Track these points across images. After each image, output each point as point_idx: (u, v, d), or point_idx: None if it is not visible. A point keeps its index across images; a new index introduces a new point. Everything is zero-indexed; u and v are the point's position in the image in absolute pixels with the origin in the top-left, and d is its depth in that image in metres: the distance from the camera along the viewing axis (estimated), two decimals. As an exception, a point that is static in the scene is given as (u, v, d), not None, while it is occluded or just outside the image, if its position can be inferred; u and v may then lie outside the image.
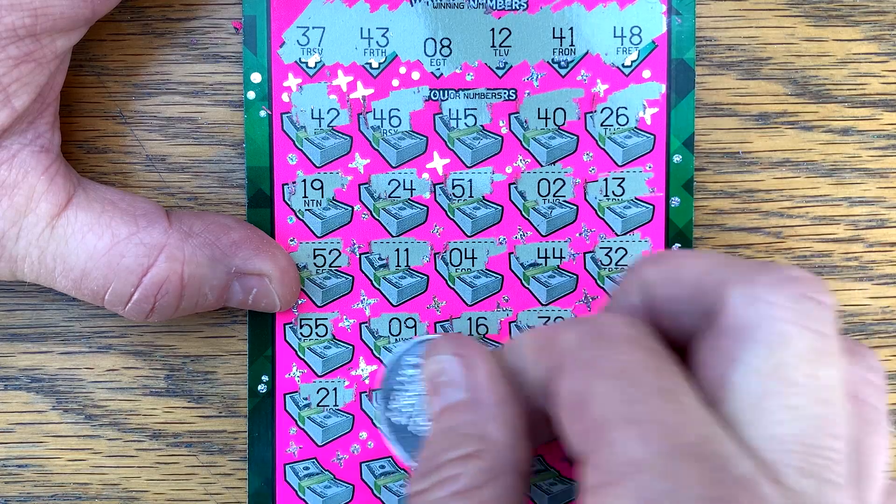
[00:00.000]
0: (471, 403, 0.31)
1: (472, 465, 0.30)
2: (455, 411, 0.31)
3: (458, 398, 0.31)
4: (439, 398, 0.32)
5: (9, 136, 0.32)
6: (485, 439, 0.30)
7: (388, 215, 0.36)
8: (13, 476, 0.37)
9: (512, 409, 0.31)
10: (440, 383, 0.32)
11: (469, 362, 0.32)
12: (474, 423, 0.31)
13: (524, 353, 0.31)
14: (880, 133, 0.36)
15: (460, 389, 0.31)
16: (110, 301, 0.33)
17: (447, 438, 0.31)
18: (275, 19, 0.35)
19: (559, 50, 0.36)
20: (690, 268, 0.30)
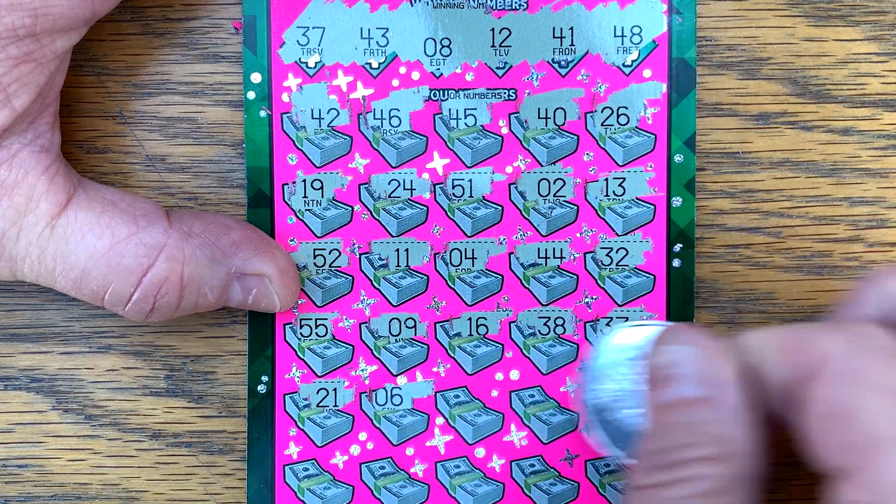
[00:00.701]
0: (711, 401, 0.30)
1: (718, 469, 0.29)
2: (692, 407, 0.30)
3: (694, 393, 0.30)
4: (670, 389, 0.30)
5: (9, 135, 0.32)
6: (728, 442, 0.29)
7: (388, 215, 0.36)
8: (13, 476, 0.37)
9: (755, 414, 0.30)
10: (674, 374, 0.30)
11: (710, 357, 0.30)
12: (717, 424, 0.29)
13: (765, 353, 0.30)
14: (880, 133, 0.36)
15: (698, 384, 0.30)
16: (110, 301, 0.33)
17: (684, 434, 0.29)
18: (275, 19, 0.35)
19: (559, 50, 0.35)
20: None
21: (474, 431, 0.36)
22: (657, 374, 0.31)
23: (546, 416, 0.36)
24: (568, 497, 0.37)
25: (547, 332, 0.36)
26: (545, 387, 0.36)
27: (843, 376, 0.28)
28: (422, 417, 0.36)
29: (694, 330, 0.31)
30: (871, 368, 0.27)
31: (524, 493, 0.36)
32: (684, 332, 0.31)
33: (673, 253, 0.36)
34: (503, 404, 0.36)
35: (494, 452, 0.37)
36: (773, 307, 0.37)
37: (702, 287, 0.37)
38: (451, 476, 0.37)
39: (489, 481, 0.37)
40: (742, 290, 0.37)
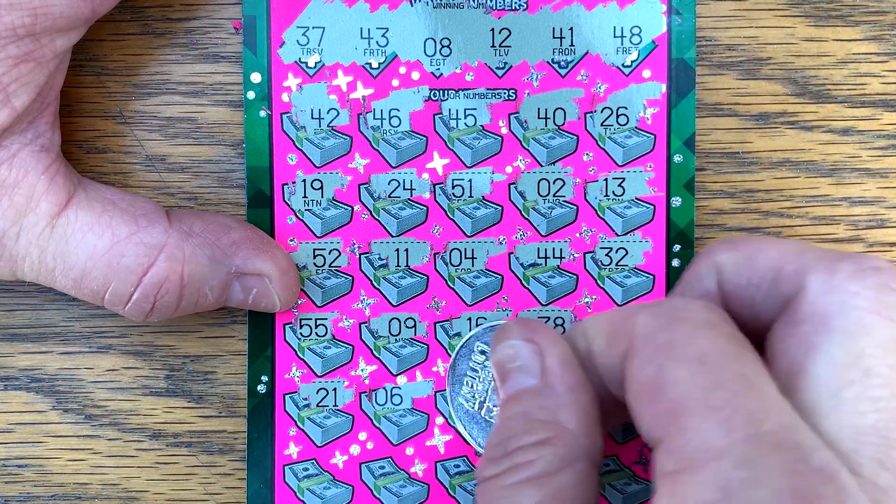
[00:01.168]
0: (542, 389, 0.31)
1: (547, 452, 0.30)
2: (526, 397, 0.31)
3: (529, 384, 0.31)
4: (509, 384, 0.32)
5: (9, 135, 0.32)
6: (558, 426, 0.30)
7: (388, 215, 0.36)
8: (13, 476, 0.37)
9: (585, 396, 0.31)
10: (511, 369, 0.32)
11: (540, 347, 0.31)
12: (546, 410, 0.30)
13: (595, 337, 0.31)
14: (880, 133, 0.36)
15: (532, 375, 0.31)
16: (110, 301, 0.33)
17: (519, 424, 0.30)
18: (275, 19, 0.35)
19: (559, 50, 0.36)
20: (767, 254, 0.30)
21: (474, 431, 0.37)
22: (498, 370, 0.32)
23: (546, 416, 0.36)
24: (568, 497, 0.36)
25: (547, 332, 0.36)
26: (545, 387, 0.36)
27: (651, 350, 0.28)
28: (422, 417, 0.36)
29: (526, 323, 0.32)
30: (677, 340, 0.28)
31: (524, 493, 0.36)
32: (515, 327, 0.32)
33: (672, 253, 0.36)
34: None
35: (494, 452, 0.36)
36: (772, 307, 0.37)
37: (702, 287, 0.37)
38: (450, 476, 0.37)
39: (489, 481, 0.37)
40: (742, 290, 0.37)
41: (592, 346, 0.31)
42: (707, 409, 0.26)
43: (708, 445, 0.26)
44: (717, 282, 0.31)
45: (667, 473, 0.26)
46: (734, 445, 0.26)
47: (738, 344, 0.28)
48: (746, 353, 0.28)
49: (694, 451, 0.26)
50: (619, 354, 0.30)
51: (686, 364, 0.27)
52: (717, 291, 0.31)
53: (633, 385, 0.29)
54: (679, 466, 0.26)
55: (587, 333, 0.31)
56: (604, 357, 0.31)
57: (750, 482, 0.25)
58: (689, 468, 0.26)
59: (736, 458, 0.25)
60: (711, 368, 0.27)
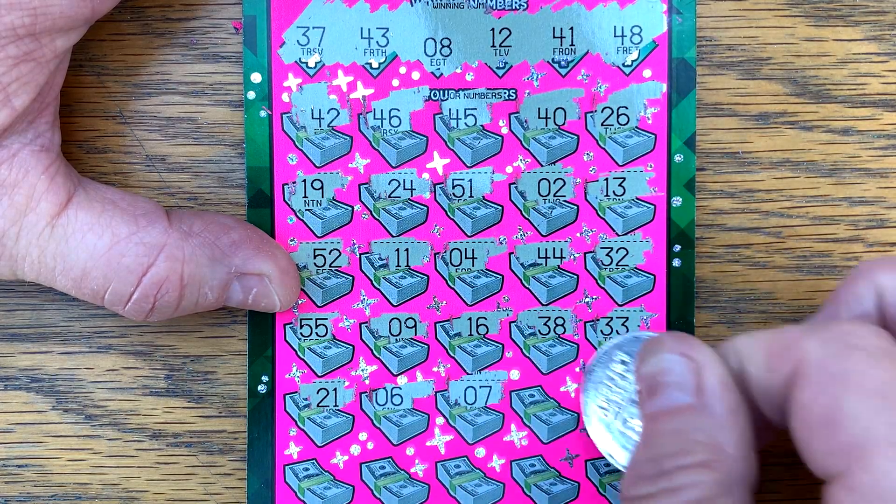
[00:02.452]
0: (700, 409, 0.30)
1: (707, 476, 0.29)
2: (681, 415, 0.30)
3: (684, 401, 0.30)
4: (660, 399, 0.31)
5: (9, 135, 0.32)
6: (718, 449, 0.29)
7: (388, 215, 0.36)
8: (13, 476, 0.37)
9: (743, 419, 0.30)
10: (663, 383, 0.31)
11: (698, 364, 0.30)
12: (705, 431, 0.29)
13: (751, 358, 0.30)
14: (880, 133, 0.36)
15: (687, 392, 0.30)
16: (110, 300, 0.33)
17: (674, 443, 0.29)
18: (275, 19, 0.35)
19: (559, 50, 0.35)
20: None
21: (474, 431, 0.36)
22: (647, 383, 0.31)
23: (546, 415, 0.36)
24: (568, 497, 0.36)
25: (547, 332, 0.36)
26: (545, 387, 0.36)
27: (824, 379, 0.28)
28: (422, 417, 0.36)
29: (681, 337, 0.32)
30: (853, 370, 0.27)
31: (524, 492, 0.36)
32: (671, 340, 0.31)
33: (673, 253, 0.36)
34: (503, 404, 0.36)
35: (494, 452, 0.36)
36: (773, 307, 0.37)
37: (702, 287, 0.37)
38: (451, 476, 0.37)
39: (489, 481, 0.37)
40: (742, 290, 0.37)
41: (748, 368, 0.30)
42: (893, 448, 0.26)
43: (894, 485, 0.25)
44: (876, 304, 0.30)
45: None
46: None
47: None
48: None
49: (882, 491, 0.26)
50: (782, 380, 0.29)
51: (867, 397, 0.27)
52: (876, 315, 0.30)
53: (803, 414, 0.28)
54: None
55: (741, 353, 0.30)
56: (761, 379, 0.30)
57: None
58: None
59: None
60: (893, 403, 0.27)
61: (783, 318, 0.37)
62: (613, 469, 0.36)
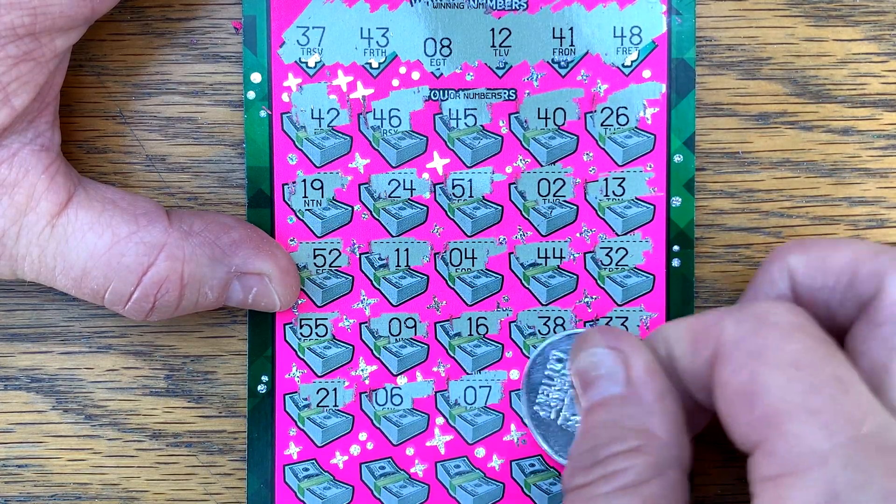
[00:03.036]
0: (629, 397, 0.31)
1: (638, 460, 0.30)
2: (612, 405, 0.31)
3: (614, 392, 0.31)
4: (593, 392, 0.32)
5: (9, 134, 0.32)
6: (648, 434, 0.30)
7: (388, 215, 0.36)
8: (13, 476, 0.37)
9: (672, 403, 0.31)
10: (595, 377, 0.32)
11: (625, 355, 0.31)
12: (635, 418, 0.30)
13: (676, 343, 0.31)
14: (880, 133, 0.36)
15: (617, 383, 0.31)
16: (110, 300, 0.33)
17: (607, 432, 0.30)
18: (275, 19, 0.35)
19: (559, 50, 0.36)
20: (840, 256, 0.31)
21: (474, 431, 0.36)
22: (580, 378, 0.32)
23: (546, 416, 0.36)
24: (568, 497, 0.36)
25: (547, 332, 0.36)
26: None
27: (741, 356, 0.29)
28: (422, 417, 0.36)
29: (609, 331, 0.33)
30: (767, 344, 0.28)
31: (524, 492, 0.36)
32: (597, 335, 0.32)
33: (672, 253, 0.36)
34: (503, 404, 0.36)
35: (494, 452, 0.36)
36: (773, 307, 0.37)
37: (702, 287, 0.37)
38: (451, 476, 0.37)
39: (489, 481, 0.37)
40: (742, 290, 0.37)
41: (674, 352, 0.31)
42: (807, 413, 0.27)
43: (811, 449, 0.26)
44: (790, 285, 0.32)
45: (768, 478, 0.27)
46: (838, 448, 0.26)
47: (828, 346, 0.28)
48: (837, 354, 0.28)
49: (798, 455, 0.26)
50: (705, 361, 0.30)
51: (780, 369, 0.28)
52: (791, 295, 0.31)
53: (724, 391, 0.29)
54: (782, 470, 0.26)
55: (668, 340, 0.31)
56: (686, 363, 0.31)
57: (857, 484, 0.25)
58: (793, 472, 0.26)
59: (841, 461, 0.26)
60: (806, 372, 0.27)
61: (783, 319, 0.37)
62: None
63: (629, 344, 0.32)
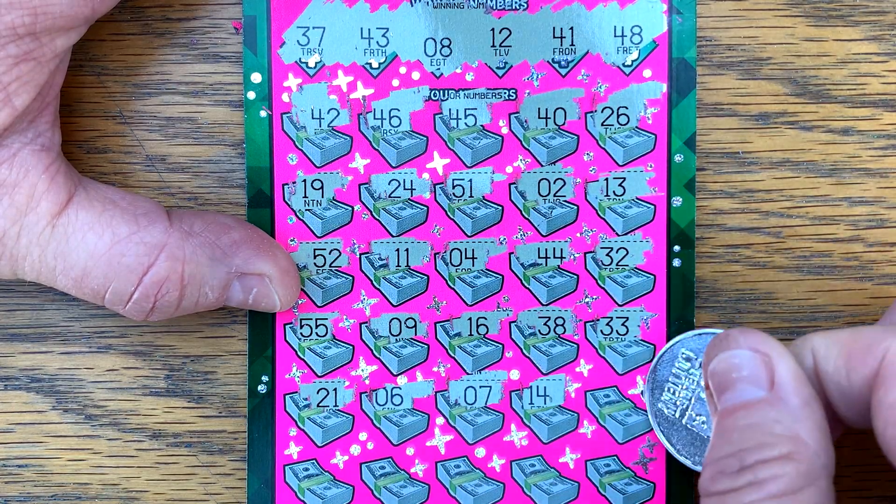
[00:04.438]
0: (775, 402, 0.30)
1: (790, 468, 0.29)
2: (756, 409, 0.30)
3: (758, 395, 0.30)
4: (733, 394, 0.31)
5: (9, 134, 0.32)
6: (799, 441, 0.29)
7: (388, 215, 0.36)
8: (13, 476, 0.37)
9: (819, 410, 0.30)
10: (735, 378, 0.31)
11: (769, 359, 0.31)
12: (783, 423, 0.30)
13: (828, 357, 0.30)
14: (880, 133, 0.36)
15: (760, 386, 0.30)
16: (110, 300, 0.33)
17: (753, 436, 0.30)
18: (275, 19, 0.35)
19: (559, 50, 0.36)
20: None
21: (474, 431, 0.36)
22: (718, 379, 0.31)
23: (546, 415, 0.36)
24: (568, 497, 0.36)
25: (547, 332, 0.36)
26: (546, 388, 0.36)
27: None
28: (422, 417, 0.36)
29: (749, 333, 0.32)
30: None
31: (524, 492, 0.36)
32: (741, 336, 0.32)
33: (673, 253, 0.36)
34: (503, 404, 0.36)
35: (494, 452, 0.36)
36: (773, 307, 0.37)
37: (702, 287, 0.37)
38: (451, 476, 0.37)
39: (489, 481, 0.37)
40: (742, 290, 0.37)
41: (824, 366, 0.30)
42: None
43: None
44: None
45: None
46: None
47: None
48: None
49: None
50: (863, 379, 0.29)
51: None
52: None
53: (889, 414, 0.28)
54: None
55: (816, 352, 0.31)
56: (838, 378, 0.30)
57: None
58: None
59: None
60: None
61: (783, 318, 0.37)
62: (614, 469, 0.36)
63: (773, 347, 0.31)
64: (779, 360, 0.31)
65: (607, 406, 0.36)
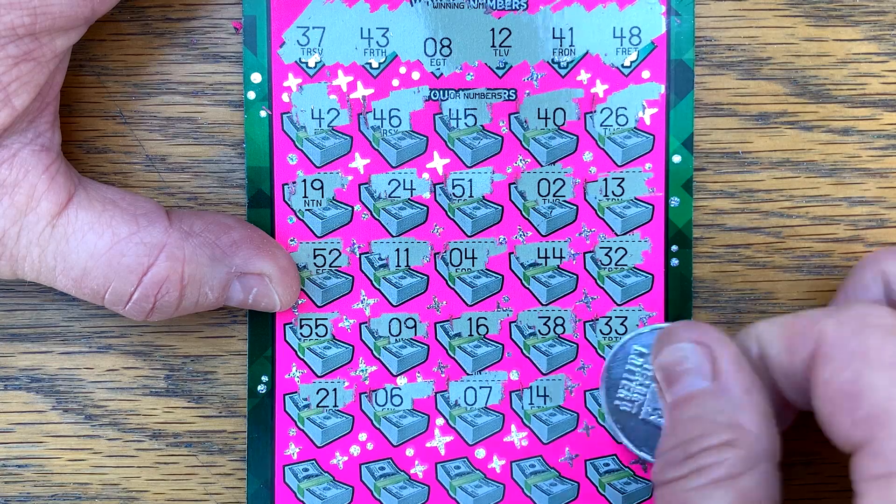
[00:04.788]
0: (717, 391, 0.31)
1: (731, 454, 0.30)
2: (700, 399, 0.31)
3: (701, 386, 0.31)
4: (679, 386, 0.32)
5: (9, 135, 0.32)
6: (739, 427, 0.30)
7: (388, 215, 0.36)
8: (13, 476, 0.37)
9: (760, 397, 0.31)
10: (680, 371, 0.32)
11: (712, 349, 0.32)
12: (724, 412, 0.31)
13: (770, 342, 0.31)
14: (880, 133, 0.36)
15: (704, 377, 0.31)
16: (110, 300, 0.33)
17: (697, 426, 0.31)
18: (275, 19, 0.35)
19: (559, 50, 0.36)
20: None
21: (474, 432, 0.36)
22: (665, 373, 0.33)
23: (546, 416, 0.36)
24: (568, 497, 0.36)
25: (547, 332, 0.36)
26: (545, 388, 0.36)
27: (844, 356, 0.29)
28: (422, 418, 0.36)
29: (693, 325, 0.33)
30: (870, 346, 0.29)
31: (524, 493, 0.36)
32: (683, 329, 0.33)
33: (671, 252, 0.36)
34: (503, 405, 0.36)
35: (495, 453, 0.36)
36: (772, 307, 0.37)
37: (701, 287, 0.37)
38: (451, 477, 0.37)
39: (489, 482, 0.37)
40: (742, 290, 0.37)
41: (768, 351, 0.31)
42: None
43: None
44: (884, 291, 0.32)
45: (876, 477, 0.27)
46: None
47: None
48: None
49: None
50: (801, 360, 0.30)
51: (886, 369, 0.28)
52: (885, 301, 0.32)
53: (825, 390, 0.29)
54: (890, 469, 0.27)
55: (760, 338, 0.32)
56: (781, 361, 0.31)
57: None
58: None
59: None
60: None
61: (783, 319, 0.37)
62: (614, 468, 0.36)
63: (715, 338, 0.32)
64: (719, 350, 0.31)
65: (607, 406, 0.36)
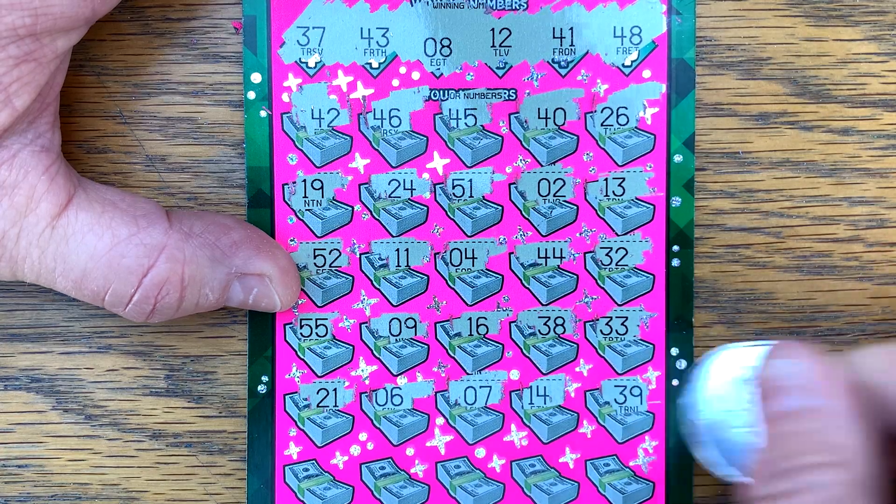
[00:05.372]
0: (824, 410, 0.30)
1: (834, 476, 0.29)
2: (804, 416, 0.30)
3: (805, 403, 0.31)
4: (780, 401, 0.31)
5: (9, 135, 0.32)
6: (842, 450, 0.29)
7: (388, 215, 0.36)
8: (13, 476, 0.37)
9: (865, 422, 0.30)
10: (784, 386, 0.31)
11: (819, 368, 0.31)
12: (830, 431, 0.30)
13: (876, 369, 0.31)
14: (880, 133, 0.36)
15: (808, 395, 0.31)
16: (110, 302, 0.33)
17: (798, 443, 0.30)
18: (275, 19, 0.35)
19: (559, 50, 0.36)
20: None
21: (474, 431, 0.36)
22: (768, 386, 0.32)
23: (546, 415, 0.36)
24: (568, 497, 0.37)
25: (547, 332, 0.36)
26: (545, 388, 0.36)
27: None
28: (422, 417, 0.36)
29: (802, 346, 0.32)
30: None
31: (524, 493, 0.36)
32: (793, 347, 0.32)
33: (672, 253, 0.36)
34: (503, 404, 0.36)
35: (495, 452, 0.37)
36: (772, 307, 0.37)
37: (702, 287, 0.37)
38: (451, 476, 0.37)
39: (489, 481, 0.37)
40: (742, 290, 0.37)
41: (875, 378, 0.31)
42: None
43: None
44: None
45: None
46: None
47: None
48: None
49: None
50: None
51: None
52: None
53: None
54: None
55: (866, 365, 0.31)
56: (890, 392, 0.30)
57: None
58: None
59: None
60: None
61: (783, 318, 0.37)
62: (614, 469, 0.36)
63: (824, 359, 0.31)
64: (826, 369, 0.31)
65: (607, 405, 0.36)
